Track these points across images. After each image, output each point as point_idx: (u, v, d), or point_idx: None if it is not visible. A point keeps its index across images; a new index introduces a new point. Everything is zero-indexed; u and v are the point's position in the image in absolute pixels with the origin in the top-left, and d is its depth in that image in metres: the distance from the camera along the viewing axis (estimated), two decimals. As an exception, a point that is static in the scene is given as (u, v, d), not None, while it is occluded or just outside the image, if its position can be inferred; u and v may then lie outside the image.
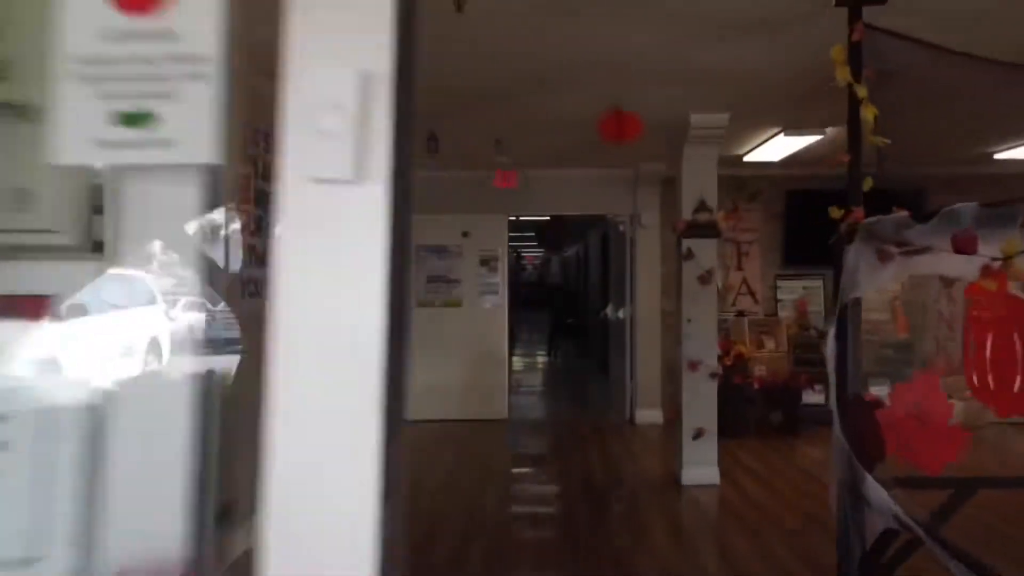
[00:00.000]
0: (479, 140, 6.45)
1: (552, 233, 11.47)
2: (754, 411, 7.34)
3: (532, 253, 31.00)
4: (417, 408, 8.29)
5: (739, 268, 8.20)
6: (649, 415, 8.17)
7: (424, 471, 6.13)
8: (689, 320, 5.67)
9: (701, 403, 5.64)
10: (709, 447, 5.65)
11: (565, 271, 21.95)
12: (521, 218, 13.59)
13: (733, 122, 5.62)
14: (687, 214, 5.69)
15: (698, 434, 5.62)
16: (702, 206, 5.69)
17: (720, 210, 5.71)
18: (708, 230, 5.70)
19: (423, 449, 6.91)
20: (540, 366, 13.83)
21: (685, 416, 5.66)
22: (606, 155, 7.45)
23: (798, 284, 8.24)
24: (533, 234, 14.59)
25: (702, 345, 5.65)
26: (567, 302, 14.68)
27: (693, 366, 5.65)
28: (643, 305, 8.18)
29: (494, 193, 8.19)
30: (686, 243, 5.67)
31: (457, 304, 8.34)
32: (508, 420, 8.35)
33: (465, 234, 8.34)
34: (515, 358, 14.75)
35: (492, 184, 7.74)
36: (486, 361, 8.34)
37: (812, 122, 5.85)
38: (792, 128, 6.00)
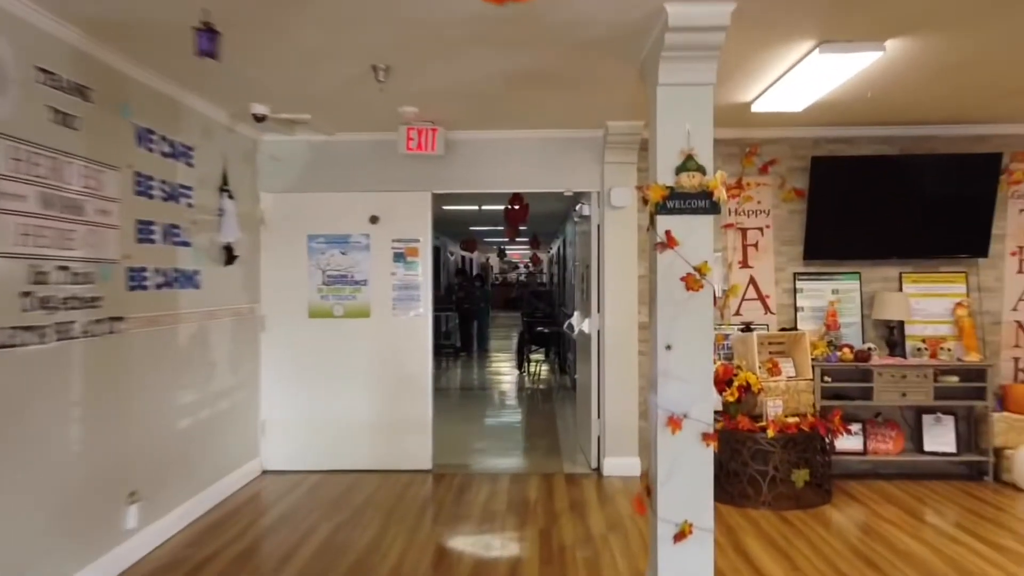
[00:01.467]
0: (358, 69, 4.28)
1: (514, 220, 9.29)
2: (767, 467, 5.16)
3: (517, 250, 28.85)
4: (301, 455, 6.12)
5: (744, 264, 6.03)
6: (621, 465, 6.00)
7: (279, 559, 4.00)
8: (668, 347, 3.50)
9: (686, 482, 3.48)
10: (699, 552, 3.48)
11: (553, 270, 19.77)
12: (483, 207, 11.47)
13: (738, 24, 3.46)
14: (664, 176, 3.53)
15: (680, 535, 3.45)
16: (689, 163, 3.52)
17: (718, 171, 3.55)
18: (698, 201, 3.54)
19: (297, 518, 4.77)
20: (503, 385, 11.66)
21: (661, 502, 3.49)
22: (563, 110, 5.29)
23: (826, 286, 6.06)
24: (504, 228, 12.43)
25: (689, 388, 3.49)
26: (544, 306, 12.49)
27: (674, 423, 3.48)
28: (615, 315, 6.01)
29: (411, 164, 6.04)
30: (663, 223, 3.52)
31: (363, 314, 6.17)
32: (431, 472, 6.17)
33: (374, 219, 6.16)
34: (479, 374, 12.59)
35: (405, 150, 5.61)
36: (403, 391, 6.17)
37: (865, 28, 3.69)
38: (833, 39, 3.83)
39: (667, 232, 3.51)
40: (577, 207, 6.79)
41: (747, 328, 5.90)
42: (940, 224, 5.83)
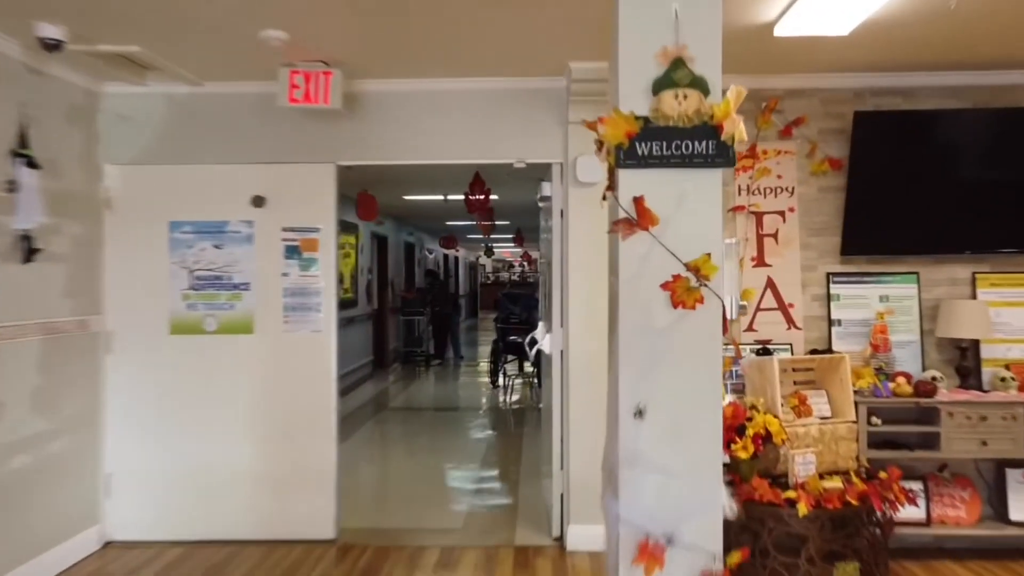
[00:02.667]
0: None
1: (473, 208, 7.67)
2: (799, 560, 3.54)
3: (509, 248, 27.15)
4: (158, 520, 4.51)
5: (760, 262, 4.43)
6: (591, 535, 4.37)
7: None
8: (640, 412, 1.90)
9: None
10: None
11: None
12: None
13: None
14: (632, 99, 1.91)
15: None
16: (678, 72, 1.92)
17: (732, 87, 1.93)
18: (696, 143, 1.94)
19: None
20: (469, 404, 10.06)
21: None
22: (508, 45, 3.69)
23: (872, 291, 4.44)
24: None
25: (679, 490, 1.89)
26: (520, 311, 10.88)
27: (649, 555, 1.87)
28: (583, 331, 4.39)
29: (309, 126, 4.44)
30: (630, 183, 1.91)
31: (244, 328, 4.56)
32: (334, 543, 4.56)
33: (258, 201, 4.55)
34: (445, 389, 10.96)
35: (287, 102, 4.03)
36: (298, 433, 4.56)
37: None
38: None
39: (637, 201, 1.90)
40: (543, 184, 5.17)
41: (764, 350, 4.29)
42: (1032, 206, 4.23)
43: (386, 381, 11.63)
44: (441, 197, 9.99)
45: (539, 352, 5.22)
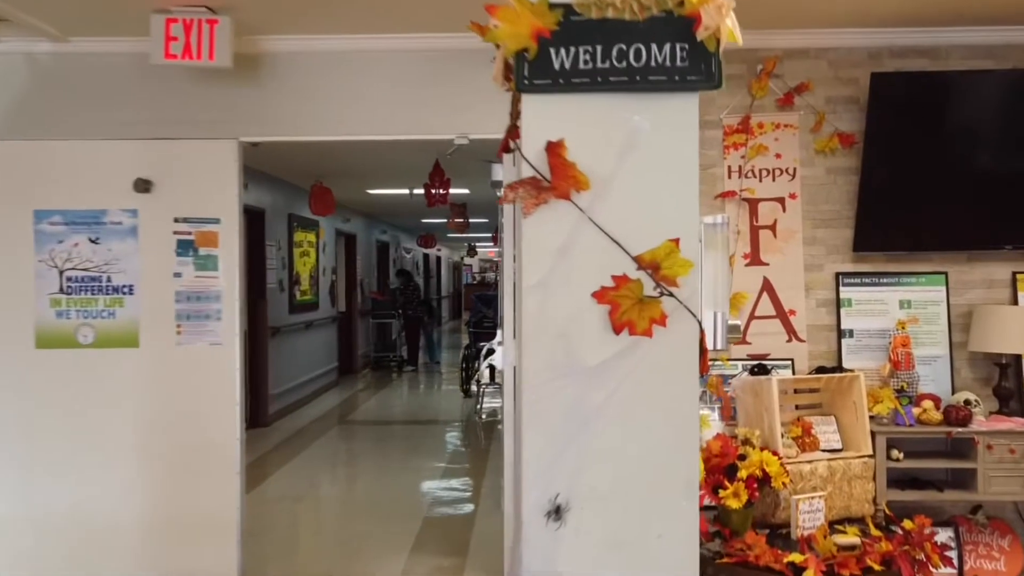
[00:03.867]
0: None
1: (433, 202, 6.85)
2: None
3: (494, 248, 26.32)
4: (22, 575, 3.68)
5: (755, 259, 3.64)
6: (551, 597, 3.56)
7: None
8: (557, 513, 1.09)
9: None
10: None
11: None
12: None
13: None
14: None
15: None
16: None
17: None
18: (654, 46, 1.11)
19: None
20: (436, 416, 9.26)
21: None
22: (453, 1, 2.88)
23: (891, 295, 3.65)
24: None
25: None
26: (493, 314, 10.06)
27: None
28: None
29: (205, 93, 3.64)
30: (539, 119, 1.08)
31: (128, 341, 3.74)
32: (235, 602, 3.75)
33: (143, 185, 3.73)
34: (413, 398, 10.14)
35: (162, 58, 3.22)
36: (194, 469, 3.74)
37: None
38: None
39: (551, 149, 1.09)
40: (493, 169, 4.37)
41: (760, 368, 3.49)
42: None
43: (352, 389, 10.82)
44: (407, 191, 9.18)
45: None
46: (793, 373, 3.58)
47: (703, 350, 1.15)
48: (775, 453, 3.10)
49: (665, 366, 1.15)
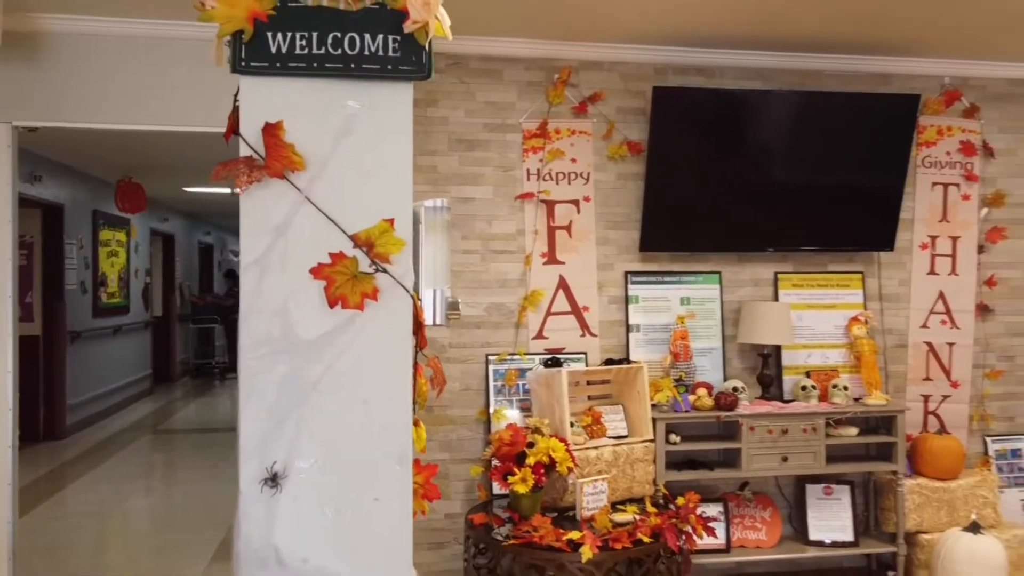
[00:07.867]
0: None
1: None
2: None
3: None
4: None
5: (551, 259, 3.83)
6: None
7: None
8: (274, 477, 1.11)
9: None
10: None
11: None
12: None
13: None
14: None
15: None
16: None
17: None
18: (367, 36, 1.18)
19: None
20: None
21: None
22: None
23: (673, 292, 3.96)
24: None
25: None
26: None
27: None
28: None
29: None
30: (258, 104, 1.12)
31: None
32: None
33: None
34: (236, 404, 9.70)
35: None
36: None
37: None
38: None
39: (268, 130, 1.12)
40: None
41: (553, 361, 3.69)
42: (834, 198, 3.92)
43: (169, 397, 10.20)
44: (228, 191, 8.80)
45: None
46: (586, 365, 3.81)
47: (419, 325, 1.24)
48: (563, 440, 3.29)
49: (381, 340, 1.23)
